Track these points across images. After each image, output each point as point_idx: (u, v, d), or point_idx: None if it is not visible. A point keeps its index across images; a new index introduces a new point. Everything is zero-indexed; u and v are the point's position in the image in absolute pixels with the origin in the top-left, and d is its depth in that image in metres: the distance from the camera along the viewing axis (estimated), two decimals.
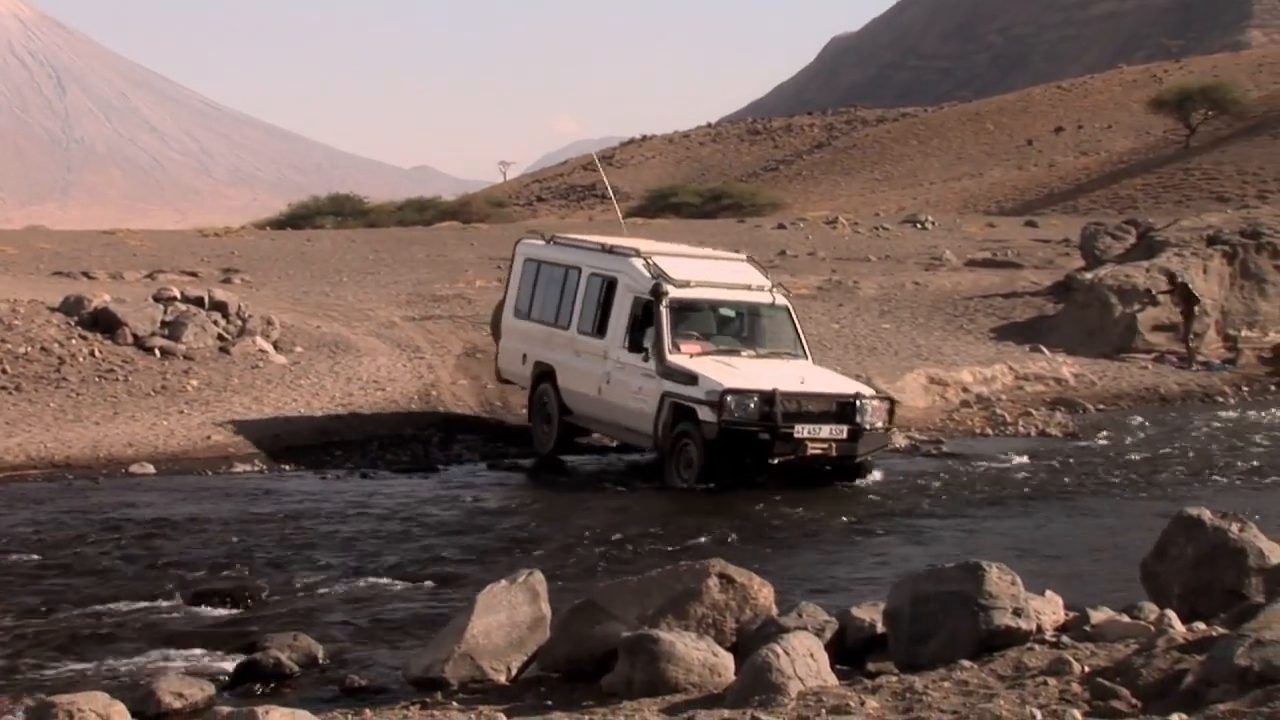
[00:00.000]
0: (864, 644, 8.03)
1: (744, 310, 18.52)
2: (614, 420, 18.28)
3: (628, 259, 18.48)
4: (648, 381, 17.41)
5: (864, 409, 16.86)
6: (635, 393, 17.62)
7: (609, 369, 18.09)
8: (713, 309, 18.34)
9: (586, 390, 18.50)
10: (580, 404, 18.75)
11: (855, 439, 16.85)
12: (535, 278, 20.01)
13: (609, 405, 18.14)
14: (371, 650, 9.64)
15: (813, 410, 16.77)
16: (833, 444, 16.77)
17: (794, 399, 16.66)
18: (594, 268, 18.85)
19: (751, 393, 16.55)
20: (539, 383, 19.43)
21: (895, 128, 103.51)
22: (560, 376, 19.00)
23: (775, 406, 16.45)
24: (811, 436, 16.64)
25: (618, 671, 7.44)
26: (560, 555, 13.05)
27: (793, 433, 16.53)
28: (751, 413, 16.50)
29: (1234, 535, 8.43)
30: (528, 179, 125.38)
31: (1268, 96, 77.74)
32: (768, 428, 16.47)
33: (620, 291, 18.19)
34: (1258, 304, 30.41)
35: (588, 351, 18.55)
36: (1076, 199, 66.05)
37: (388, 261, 38.90)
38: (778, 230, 49.49)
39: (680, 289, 17.77)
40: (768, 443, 16.53)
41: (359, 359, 23.38)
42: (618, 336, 18.02)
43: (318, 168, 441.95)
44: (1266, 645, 6.14)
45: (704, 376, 16.79)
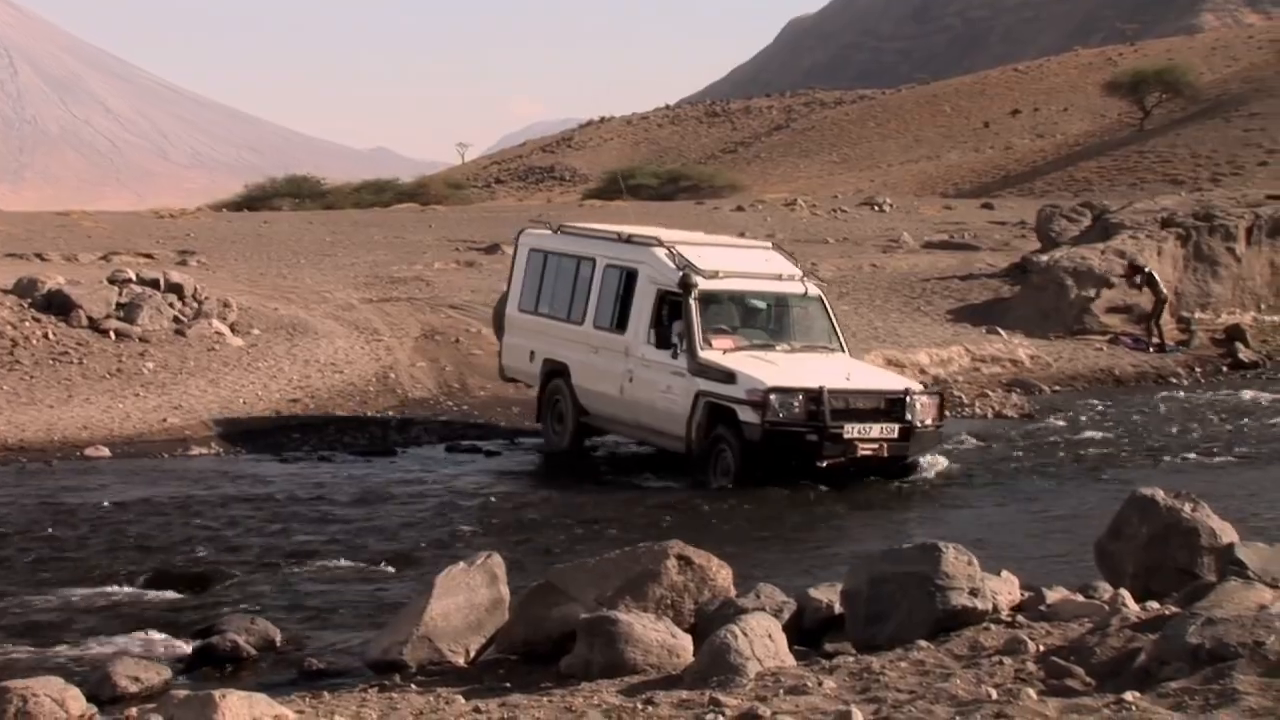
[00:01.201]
0: (822, 625, 8.06)
1: (776, 301, 17.52)
2: (639, 421, 17.13)
3: (649, 249, 17.34)
4: (678, 380, 16.29)
5: (915, 406, 15.82)
6: (664, 392, 16.52)
7: (632, 366, 16.98)
8: (743, 301, 17.35)
9: (606, 389, 17.39)
10: (599, 404, 17.66)
11: (907, 438, 15.81)
12: (542, 269, 18.92)
13: (633, 405, 17.03)
14: (329, 633, 9.63)
15: (862, 408, 15.71)
16: (884, 444, 15.70)
17: (842, 396, 15.58)
18: (611, 258, 17.70)
19: (796, 391, 15.43)
20: (549, 381, 18.42)
21: (853, 110, 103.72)
22: (575, 375, 17.94)
23: (823, 405, 15.35)
24: (862, 436, 15.56)
25: (576, 653, 7.46)
26: (519, 537, 13.06)
27: (842, 433, 15.45)
28: (797, 413, 15.39)
29: (1187, 515, 8.51)
30: (486, 161, 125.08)
31: (1220, 80, 78.29)
32: (815, 428, 15.38)
33: (642, 284, 17.06)
34: (1210, 286, 30.63)
35: (606, 348, 17.44)
36: (1032, 181, 66.40)
37: (345, 243, 38.74)
38: (736, 212, 49.55)
39: (710, 280, 16.65)
40: (815, 444, 15.44)
41: (316, 341, 23.28)
42: (641, 332, 16.92)
43: (274, 149, 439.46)
44: (1218, 624, 6.21)
45: (743, 374, 15.66)
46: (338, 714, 6.64)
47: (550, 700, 6.73)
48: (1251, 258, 31.06)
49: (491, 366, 23.39)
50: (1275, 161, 59.64)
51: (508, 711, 6.54)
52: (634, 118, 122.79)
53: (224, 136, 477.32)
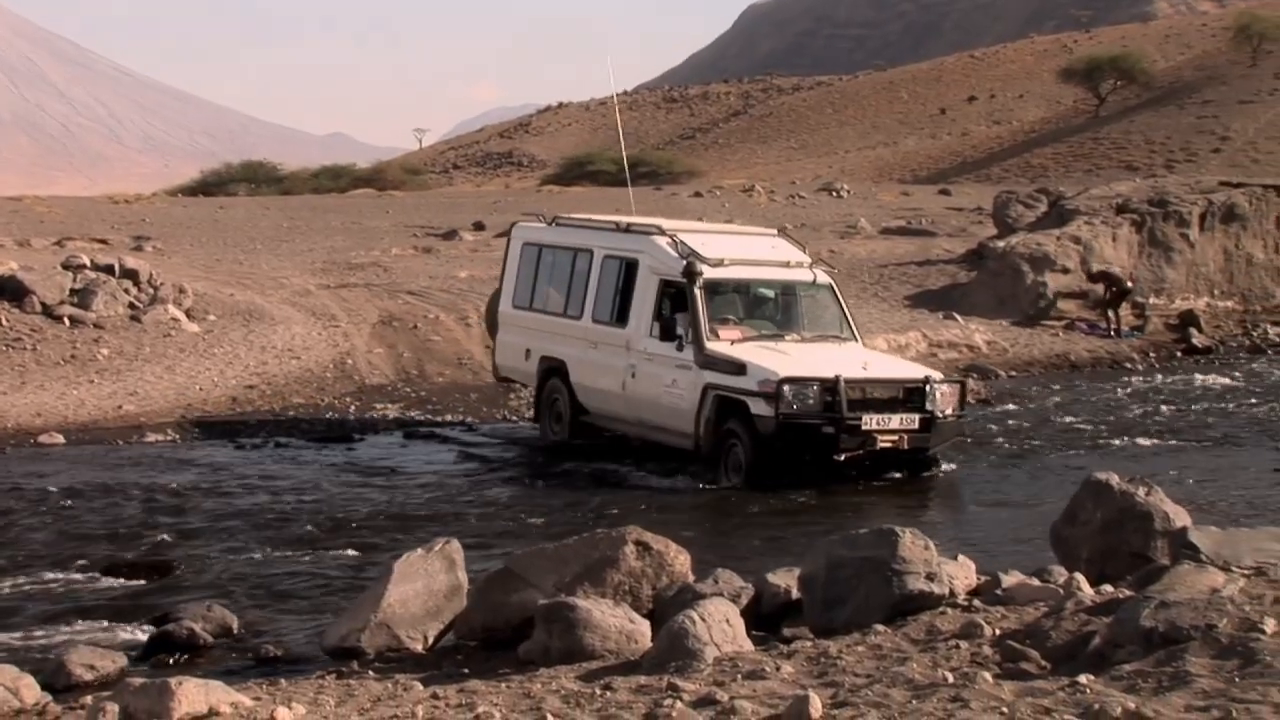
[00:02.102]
0: (779, 609, 8.09)
1: (784, 290, 16.73)
2: (642, 419, 16.36)
3: (650, 238, 16.65)
4: (683, 373, 15.56)
5: (935, 395, 15.05)
6: (668, 386, 15.76)
7: (634, 361, 16.26)
8: (751, 290, 16.59)
9: (607, 386, 16.67)
10: (599, 401, 16.96)
11: (927, 429, 15.03)
12: (536, 263, 18.26)
13: (636, 401, 16.29)
14: (287, 620, 9.60)
15: (880, 398, 14.98)
16: (904, 435, 14.91)
17: (859, 386, 14.82)
18: (609, 249, 17.03)
19: (811, 380, 14.67)
20: (546, 379, 17.74)
21: (811, 96, 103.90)
22: (573, 372, 17.24)
23: (839, 395, 14.59)
24: (880, 428, 14.77)
25: (535, 639, 7.46)
26: (477, 523, 13.05)
27: (860, 424, 14.68)
28: (812, 404, 14.62)
29: (1141, 499, 8.59)
30: (444, 146, 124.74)
31: (1174, 67, 78.78)
32: (832, 420, 14.61)
33: (643, 274, 16.35)
34: (1165, 272, 30.83)
35: (606, 343, 16.74)
36: (989, 167, 66.66)
37: (302, 229, 38.56)
38: (694, 198, 49.56)
39: (715, 268, 15.95)
40: (832, 437, 14.67)
41: (273, 327, 23.17)
42: (642, 324, 16.19)
43: (230, 134, 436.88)
44: (1171, 607, 6.27)
45: (754, 365, 14.93)
46: (295, 701, 6.62)
47: (509, 686, 6.73)
48: (1205, 244, 31.29)
49: (450, 353, 23.37)
50: (1228, 148, 60.09)
51: (466, 698, 6.54)
52: (592, 104, 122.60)
53: (178, 121, 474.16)
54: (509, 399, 21.45)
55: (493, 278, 28.79)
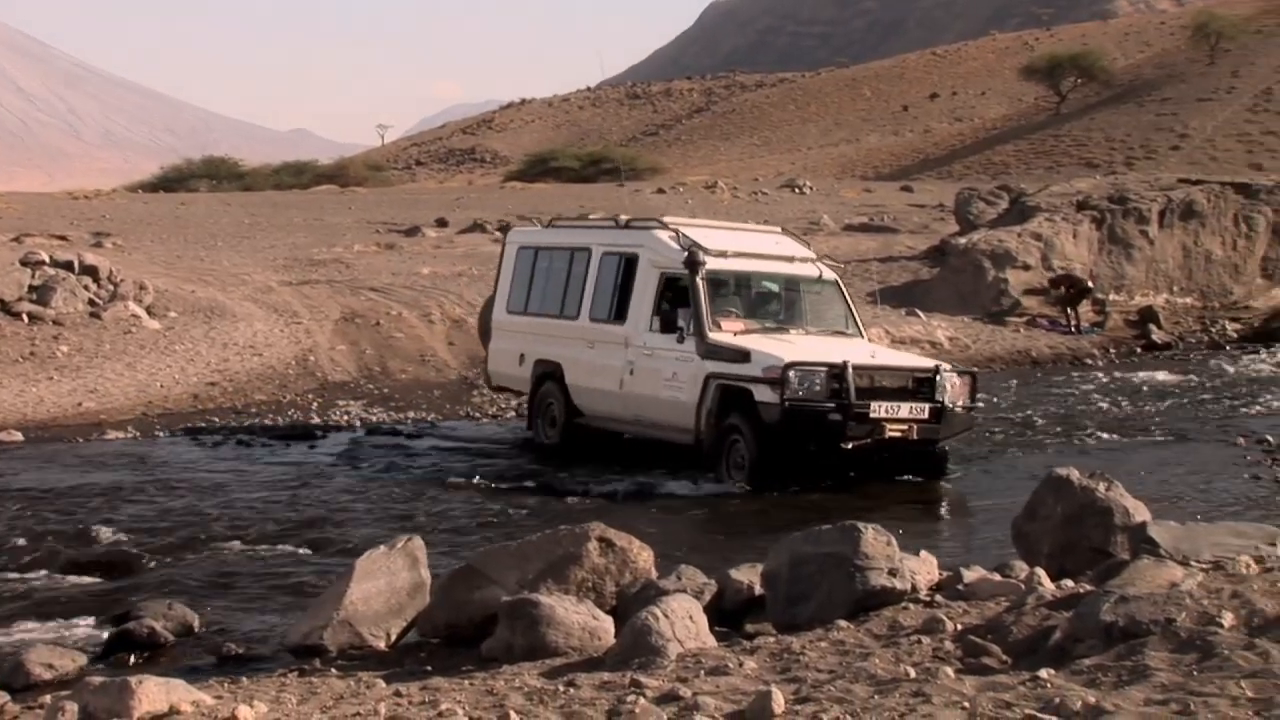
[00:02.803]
0: (742, 605, 8.10)
1: (789, 285, 16.41)
2: (641, 416, 15.94)
3: (650, 231, 16.41)
4: (684, 366, 15.18)
5: (945, 385, 14.63)
6: (668, 380, 15.39)
7: (632, 358, 15.90)
8: (754, 283, 16.24)
9: (604, 385, 16.30)
10: (596, 402, 16.57)
11: (938, 419, 14.58)
12: (532, 266, 17.92)
13: (634, 399, 15.91)
14: (248, 618, 9.55)
15: (888, 386, 14.55)
16: (913, 425, 14.46)
17: (867, 373, 14.40)
18: (608, 245, 16.70)
19: (818, 366, 14.25)
20: (541, 384, 17.33)
21: (774, 93, 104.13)
22: (569, 373, 16.86)
23: (846, 381, 14.14)
24: (889, 416, 14.31)
25: (498, 636, 7.45)
26: (440, 521, 13.02)
27: (868, 411, 14.22)
28: (819, 390, 14.15)
29: (1101, 494, 8.65)
30: (406, 142, 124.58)
31: (1134, 65, 79.32)
32: (839, 406, 14.13)
33: (643, 268, 16.02)
34: (1124, 268, 31.04)
35: (604, 341, 16.34)
36: (951, 164, 66.97)
37: (264, 226, 38.42)
38: (657, 195, 49.60)
39: (718, 259, 15.65)
40: (839, 424, 14.17)
41: (235, 324, 23.09)
42: (642, 320, 15.83)
43: (191, 130, 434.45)
44: (1130, 601, 6.31)
45: (758, 351, 14.61)
46: (256, 699, 6.59)
47: (472, 683, 6.72)
48: (1164, 240, 31.52)
49: (413, 350, 23.33)
50: (1187, 146, 60.51)
51: (429, 695, 6.52)
52: (555, 100, 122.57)
53: (139, 117, 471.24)
54: (471, 396, 21.44)
55: (455, 274, 28.80)
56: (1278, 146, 59.60)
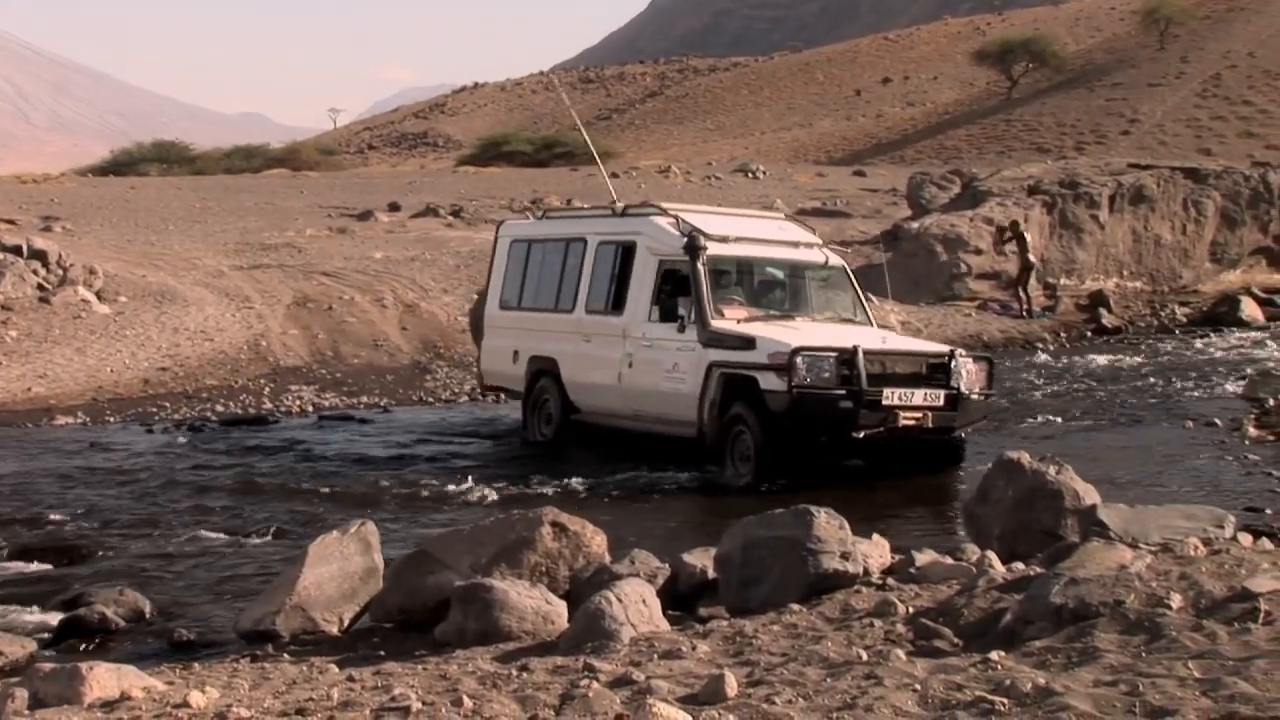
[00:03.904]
0: (696, 589, 8.13)
1: (793, 271, 15.71)
2: (640, 410, 15.20)
3: (648, 218, 15.72)
4: (685, 356, 14.51)
5: (961, 370, 13.90)
6: (669, 372, 14.72)
7: (631, 350, 15.24)
8: (757, 269, 15.56)
9: (601, 380, 15.64)
10: (593, 397, 15.90)
11: (953, 406, 13.82)
12: (525, 260, 17.27)
13: (633, 393, 15.22)
14: (200, 604, 9.51)
15: (901, 372, 13.80)
16: (928, 413, 13.71)
17: (878, 359, 13.68)
18: (604, 234, 16.06)
19: (827, 351, 13.55)
20: (535, 381, 16.61)
21: (727, 77, 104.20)
22: (565, 369, 16.18)
23: (857, 367, 13.41)
24: (903, 404, 13.58)
25: (451, 621, 7.45)
26: (394, 506, 12.99)
27: (880, 399, 13.48)
28: (828, 376, 13.43)
29: (1051, 478, 8.73)
30: (358, 126, 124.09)
31: (1085, 50, 79.77)
32: (850, 393, 13.40)
33: (641, 256, 15.38)
34: (1075, 253, 31.22)
35: (601, 333, 15.68)
36: (903, 149, 67.18)
37: (215, 210, 38.17)
38: (610, 179, 49.49)
39: (719, 244, 14.96)
40: (850, 412, 13.44)
41: (186, 309, 22.94)
42: (640, 309, 15.20)
43: (141, 114, 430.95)
44: (1080, 583, 6.36)
45: (763, 338, 13.91)
46: (209, 685, 6.57)
47: (425, 668, 6.72)
48: (1114, 225, 31.72)
49: (365, 334, 23.24)
50: (1137, 131, 60.90)
51: (382, 680, 6.51)
52: (508, 84, 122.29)
53: (88, 100, 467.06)
54: (425, 381, 21.39)
55: (408, 258, 28.71)
56: (1226, 132, 60.08)
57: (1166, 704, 4.99)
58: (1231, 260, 32.65)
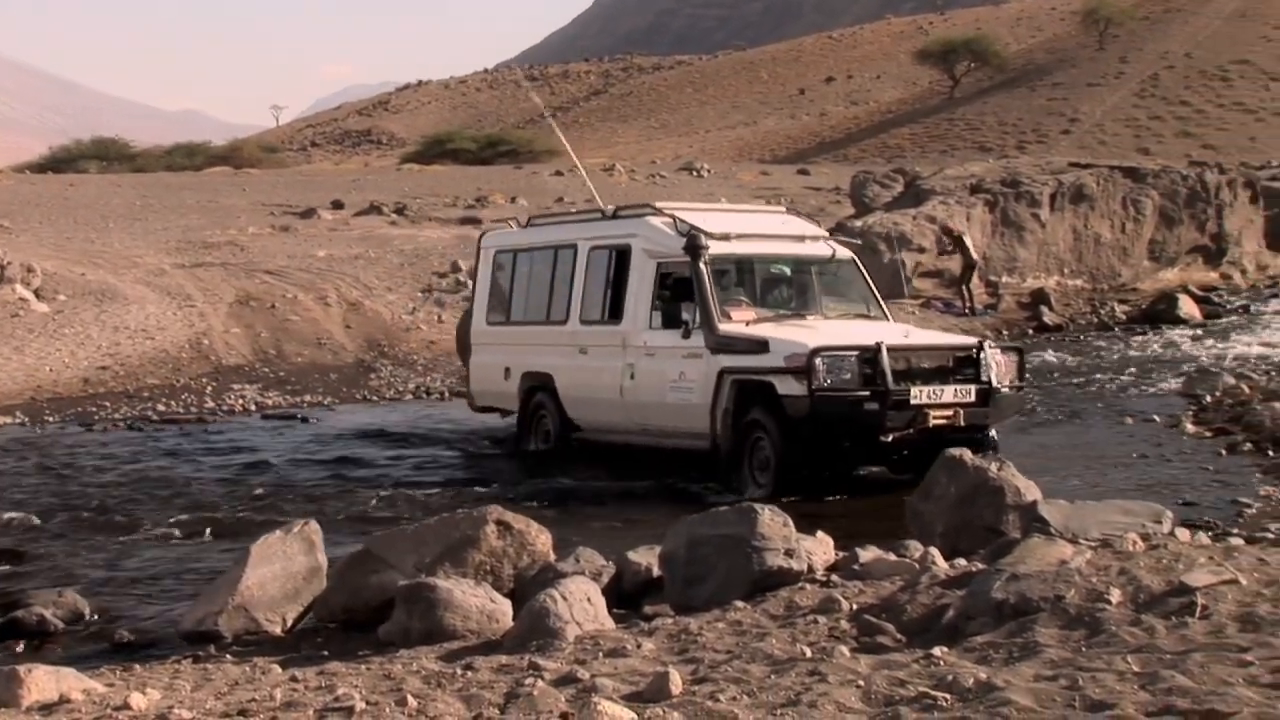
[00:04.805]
0: (641, 587, 8.14)
1: (801, 267, 14.79)
2: (646, 424, 14.28)
3: (642, 219, 14.77)
4: (693, 363, 13.58)
5: (990, 363, 12.95)
6: (676, 381, 13.78)
7: (632, 360, 14.29)
8: (763, 267, 14.62)
9: (602, 394, 14.69)
10: (593, 413, 15.01)
11: (986, 402, 12.87)
12: (512, 271, 16.40)
13: (637, 406, 14.28)
14: (142, 605, 9.42)
15: (928, 368, 12.90)
16: (959, 410, 12.73)
17: (902, 355, 12.77)
18: (596, 239, 15.14)
19: (848, 350, 12.62)
20: (530, 398, 15.71)
21: (671, 76, 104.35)
22: (562, 384, 15.24)
23: (881, 365, 12.47)
24: (932, 402, 12.61)
25: (395, 620, 7.43)
26: (337, 505, 12.92)
27: (908, 398, 12.53)
28: (851, 377, 12.48)
29: (993, 475, 8.81)
30: (301, 124, 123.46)
31: (1026, 50, 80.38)
32: (875, 394, 12.44)
33: (637, 259, 14.42)
34: (1017, 251, 31.45)
35: (598, 344, 14.78)
36: (847, 148, 67.51)
37: (156, 208, 37.88)
38: (555, 177, 49.51)
39: (721, 243, 14.07)
40: (877, 414, 12.47)
41: (127, 307, 22.75)
42: (640, 316, 14.26)
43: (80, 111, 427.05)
44: (1021, 579, 6.42)
45: (778, 340, 12.98)
46: (149, 686, 6.52)
47: (369, 668, 6.69)
48: (1055, 223, 31.97)
49: (309, 333, 23.12)
50: (1077, 130, 61.44)
51: (325, 680, 6.49)
52: (452, 81, 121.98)
53: (24, 96, 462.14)
54: (369, 379, 21.32)
55: (352, 256, 28.58)
56: (1164, 131, 60.72)
57: (1105, 698, 5.04)
58: (1169, 259, 32.99)
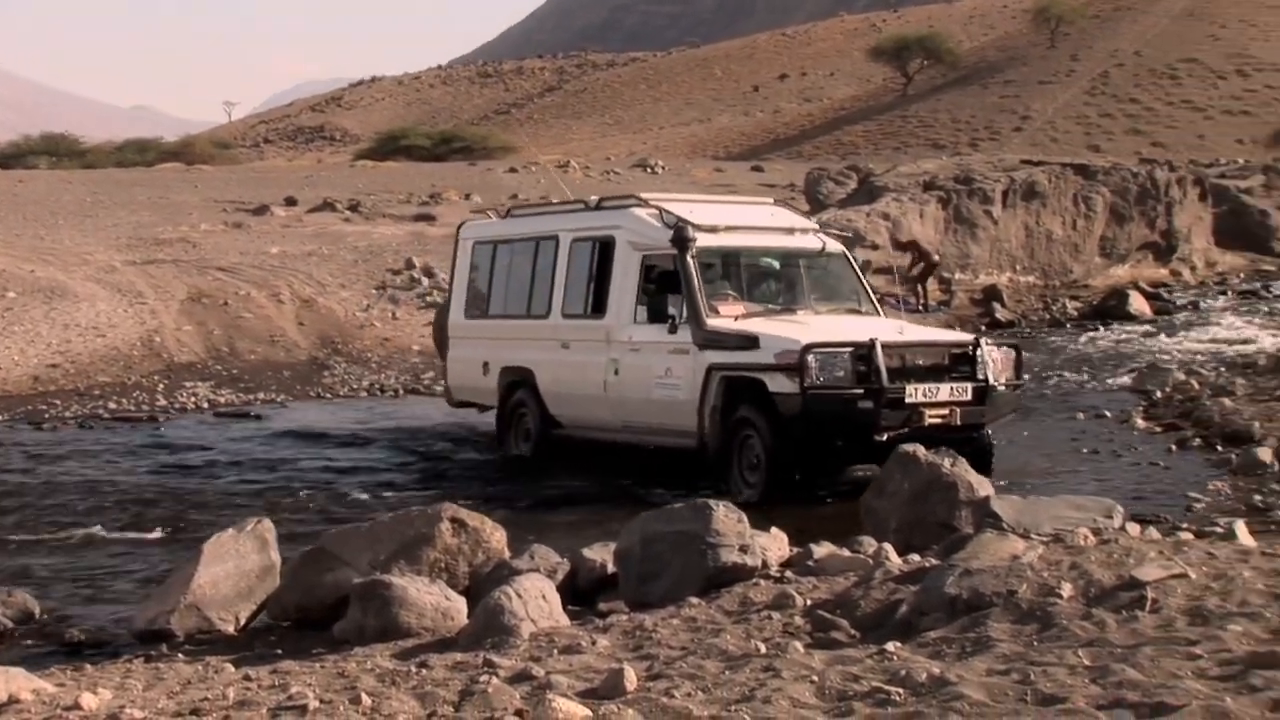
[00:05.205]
0: (596, 584, 8.15)
1: (790, 260, 14.42)
2: (630, 421, 13.94)
3: (626, 210, 14.41)
4: (679, 359, 13.22)
5: (987, 360, 12.63)
6: (661, 378, 13.43)
7: (616, 355, 13.90)
8: (752, 260, 14.28)
9: (585, 390, 14.31)
10: (576, 409, 14.61)
11: (982, 400, 12.55)
12: (491, 263, 16.08)
13: (622, 403, 13.93)
14: (93, 605, 9.36)
15: (923, 365, 12.59)
16: (955, 409, 12.39)
17: (897, 352, 12.44)
18: (578, 231, 14.77)
19: (842, 346, 12.28)
20: (510, 394, 15.35)
21: (625, 72, 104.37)
22: (543, 380, 14.89)
23: (876, 362, 12.12)
24: (928, 400, 12.31)
25: (349, 618, 7.41)
26: (291, 503, 12.87)
27: (903, 396, 12.20)
28: (844, 375, 12.15)
29: (946, 471, 8.86)
30: (254, 120, 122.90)
31: (979, 48, 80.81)
32: (869, 392, 12.11)
33: (621, 251, 14.04)
34: (970, 248, 31.59)
35: (581, 339, 14.42)
36: (801, 145, 67.70)
37: (107, 204, 37.60)
38: (510, 174, 49.44)
39: (709, 235, 13.68)
40: (871, 413, 12.13)
41: (77, 305, 22.57)
42: (624, 310, 13.89)
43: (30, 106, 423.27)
44: (974, 574, 6.46)
45: (769, 335, 12.64)
46: (101, 686, 6.48)
47: (323, 666, 6.67)
48: (1007, 220, 32.13)
49: (262, 330, 23.01)
50: (1029, 127, 61.81)
51: (279, 678, 6.46)
52: (406, 78, 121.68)
53: None
54: (322, 377, 21.24)
55: (305, 253, 28.45)
56: (1114, 129, 61.15)
57: (1057, 691, 5.08)
58: (1120, 255, 33.21)
